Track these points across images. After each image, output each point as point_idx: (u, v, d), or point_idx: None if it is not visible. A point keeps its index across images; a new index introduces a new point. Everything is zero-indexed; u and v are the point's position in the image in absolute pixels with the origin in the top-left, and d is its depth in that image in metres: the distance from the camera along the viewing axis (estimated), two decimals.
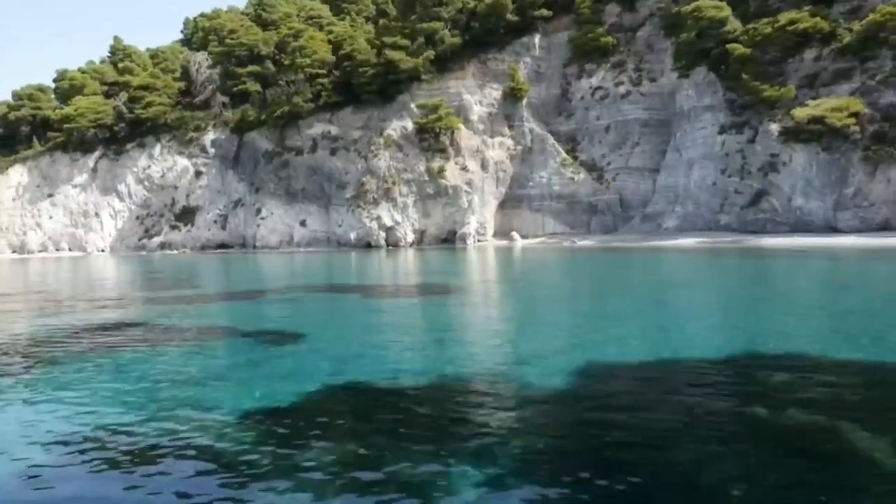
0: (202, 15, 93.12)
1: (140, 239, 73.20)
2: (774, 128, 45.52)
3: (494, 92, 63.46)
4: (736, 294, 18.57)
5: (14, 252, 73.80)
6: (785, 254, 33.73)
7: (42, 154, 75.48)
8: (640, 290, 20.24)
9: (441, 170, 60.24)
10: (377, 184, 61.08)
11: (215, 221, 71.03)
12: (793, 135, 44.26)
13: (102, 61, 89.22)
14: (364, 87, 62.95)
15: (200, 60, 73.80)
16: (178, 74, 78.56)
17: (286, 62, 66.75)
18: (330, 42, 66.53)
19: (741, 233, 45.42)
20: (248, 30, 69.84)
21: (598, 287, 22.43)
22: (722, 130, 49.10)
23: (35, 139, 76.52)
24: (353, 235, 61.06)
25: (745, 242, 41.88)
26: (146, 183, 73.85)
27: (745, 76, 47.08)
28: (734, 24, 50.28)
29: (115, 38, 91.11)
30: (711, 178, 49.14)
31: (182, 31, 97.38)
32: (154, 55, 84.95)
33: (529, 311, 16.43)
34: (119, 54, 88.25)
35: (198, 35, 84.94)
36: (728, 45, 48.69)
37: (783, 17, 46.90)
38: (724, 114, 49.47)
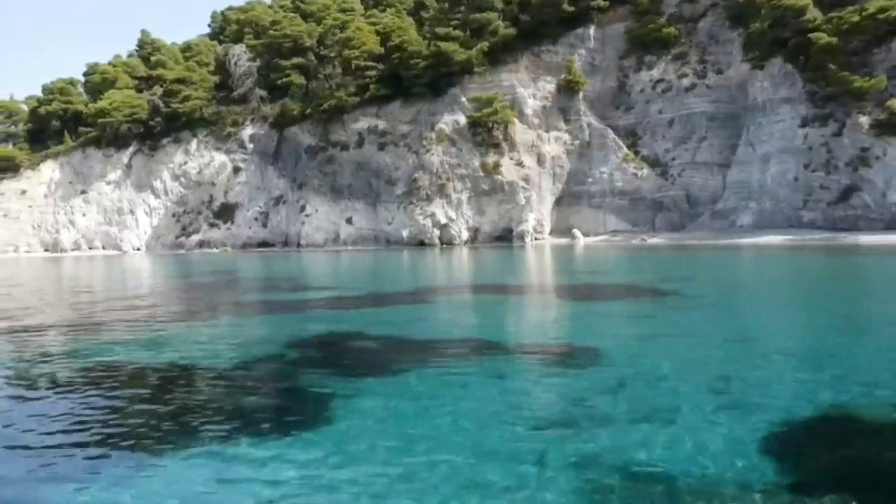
0: (231, 8, 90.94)
1: (177, 237, 71.08)
2: (864, 120, 43.51)
3: (548, 85, 61.39)
4: None
5: (46, 250, 71.64)
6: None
7: (74, 149, 73.30)
8: (844, 297, 18.15)
9: (496, 165, 58.19)
10: (430, 180, 59.01)
11: (256, 219, 68.91)
12: (886, 127, 42.25)
13: (130, 55, 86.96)
14: (414, 80, 60.80)
15: (239, 53, 71.59)
16: (212, 68, 76.41)
17: (332, 54, 64.60)
18: (377, 33, 64.34)
19: (829, 230, 43.36)
20: (292, 21, 67.67)
21: (811, 290, 20.21)
22: (804, 123, 47.05)
23: (66, 134, 74.28)
24: (405, 233, 58.95)
25: (841, 240, 39.85)
26: (182, 179, 71.72)
27: (831, 67, 44.96)
28: (814, 13, 48.22)
29: (143, 31, 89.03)
30: (792, 173, 47.10)
31: (209, 25, 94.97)
32: (185, 49, 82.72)
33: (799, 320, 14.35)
34: (147, 48, 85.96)
35: (230, 28, 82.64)
36: (811, 35, 46.58)
37: (872, 6, 44.85)
38: (805, 106, 47.43)
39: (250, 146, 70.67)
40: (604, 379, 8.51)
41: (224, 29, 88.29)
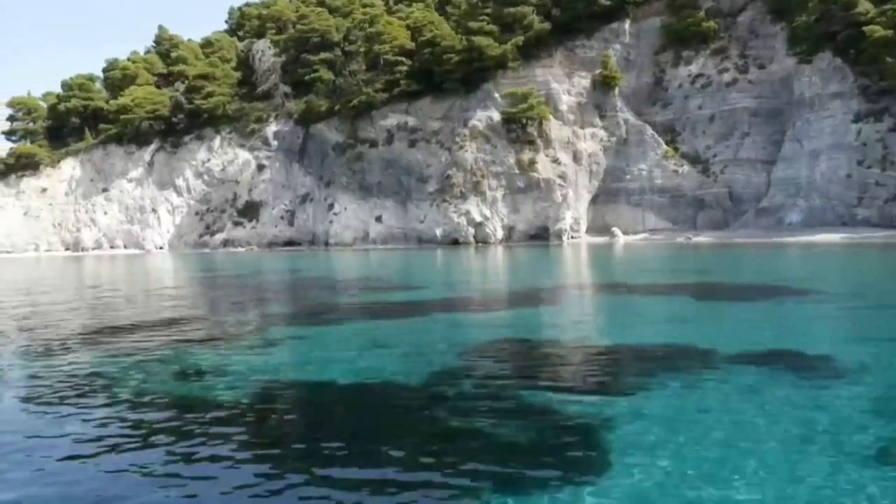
0: (249, 4, 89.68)
1: (200, 236, 69.80)
2: None
3: (583, 81, 60.15)
4: None
5: (67, 249, 70.36)
6: None
7: (95, 147, 72.01)
8: None
9: (532, 162, 56.95)
10: (464, 177, 57.77)
11: (282, 217, 67.63)
12: None
13: (148, 52, 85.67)
14: (447, 76, 59.53)
15: (263, 48, 70.30)
16: (234, 64, 75.13)
17: (361, 49, 63.32)
18: (407, 28, 63.07)
19: (886, 228, 42.12)
20: (319, 15, 66.36)
21: None
22: (857, 119, 45.89)
23: (87, 131, 72.98)
24: (438, 231, 57.69)
25: None
26: (205, 177, 70.45)
27: (888, 60, 43.76)
28: (866, 6, 47.05)
29: (160, 27, 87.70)
30: (844, 170, 45.92)
31: (227, 22, 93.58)
32: (205, 45, 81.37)
33: None
34: (165, 44, 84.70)
35: (251, 24, 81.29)
36: (864, 28, 45.40)
37: None
38: (857, 101, 46.27)
39: (275, 143, 69.41)
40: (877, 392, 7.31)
41: (242, 25, 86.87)
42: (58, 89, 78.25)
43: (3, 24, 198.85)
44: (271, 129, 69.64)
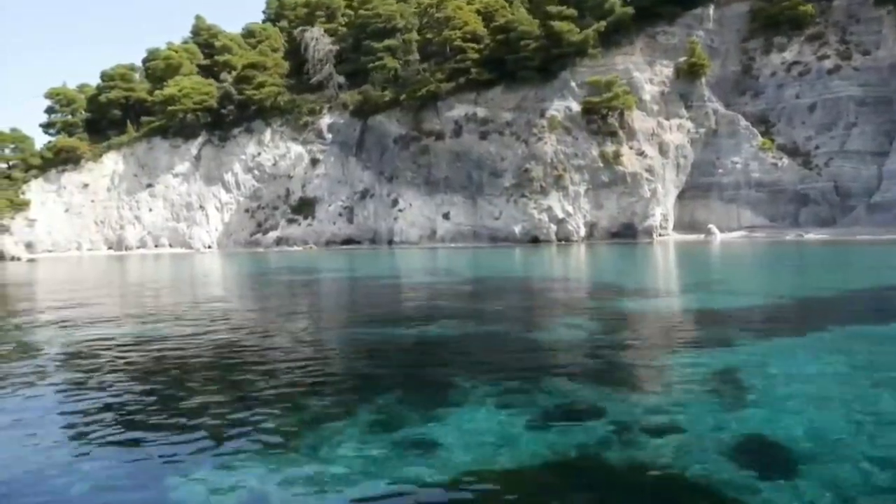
0: None
1: (252, 234, 66.16)
2: None
3: (665, 69, 56.69)
4: None
5: (110, 248, 66.66)
6: None
7: (138, 140, 68.31)
8: None
9: (617, 155, 53.47)
10: (544, 171, 54.25)
11: (340, 214, 64.00)
12: None
13: (185, 42, 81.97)
14: (523, 63, 56.01)
15: (317, 36, 66.64)
16: (281, 54, 71.55)
17: (429, 35, 59.76)
18: (478, 13, 59.54)
19: None
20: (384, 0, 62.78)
21: None
22: None
23: (129, 123, 69.29)
24: (517, 229, 54.12)
25: None
26: (255, 172, 66.84)
27: None
28: None
29: (198, 17, 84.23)
30: None
31: (264, 11, 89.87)
32: (247, 34, 77.85)
33: None
34: (204, 34, 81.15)
35: (295, 12, 77.49)
36: None
37: None
38: None
39: (329, 136, 65.86)
40: None
41: (282, 15, 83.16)
42: (89, 82, 74.62)
43: (20, 20, 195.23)
44: (325, 121, 66.07)
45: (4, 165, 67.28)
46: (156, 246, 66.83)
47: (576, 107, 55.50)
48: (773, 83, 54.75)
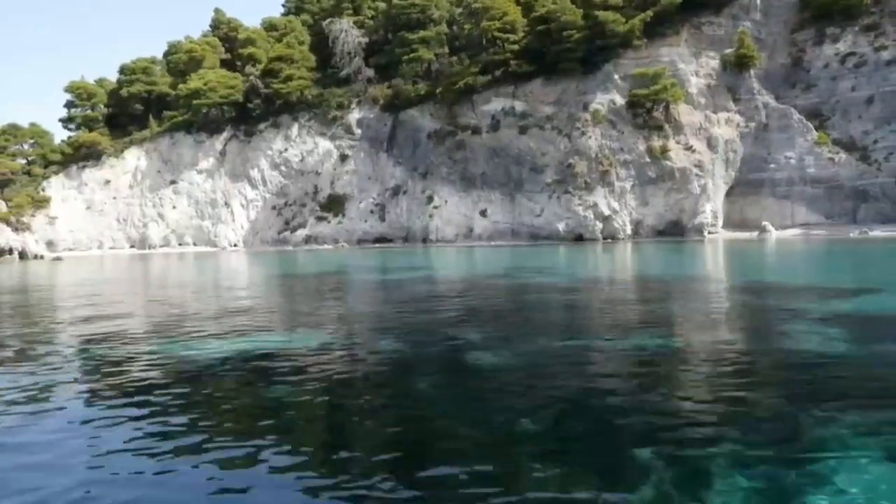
0: None
1: (279, 232, 64.15)
2: None
3: (711, 61, 54.79)
4: None
5: (132, 247, 64.64)
6: None
7: (161, 135, 66.32)
8: None
9: (664, 150, 51.51)
10: (588, 166, 52.28)
11: (371, 211, 62.00)
12: None
13: (205, 35, 79.91)
14: (565, 55, 54.04)
15: (346, 28, 64.57)
16: (306, 46, 69.47)
17: (466, 26, 57.75)
18: (517, 2, 57.50)
19: None
20: None
21: None
22: None
23: (150, 118, 67.26)
24: (560, 226, 52.15)
25: None
26: (282, 168, 64.85)
27: None
28: None
29: (217, 10, 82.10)
30: None
31: (284, 5, 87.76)
32: (269, 27, 75.79)
33: None
34: (223, 27, 79.13)
35: (320, 4, 75.42)
36: None
37: None
38: None
39: (358, 131, 63.88)
40: None
41: (303, 8, 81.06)
42: (107, 76, 72.57)
43: (36, 16, 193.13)
44: (354, 115, 64.09)
45: (24, 161, 65.23)
46: (179, 244, 64.87)
47: (619, 100, 53.57)
48: (825, 75, 52.78)
